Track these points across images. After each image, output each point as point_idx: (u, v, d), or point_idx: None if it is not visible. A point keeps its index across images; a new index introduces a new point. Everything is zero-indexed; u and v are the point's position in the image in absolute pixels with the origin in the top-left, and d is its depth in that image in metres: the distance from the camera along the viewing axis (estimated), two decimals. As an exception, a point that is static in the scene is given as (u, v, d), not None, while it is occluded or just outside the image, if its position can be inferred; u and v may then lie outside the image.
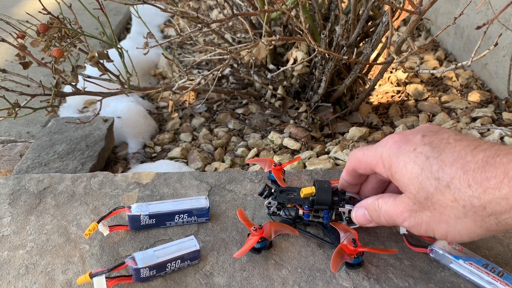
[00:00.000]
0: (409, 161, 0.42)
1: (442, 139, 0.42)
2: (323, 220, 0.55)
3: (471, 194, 0.38)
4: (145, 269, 0.48)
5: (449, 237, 0.42)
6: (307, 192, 0.53)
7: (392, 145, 0.44)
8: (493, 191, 0.37)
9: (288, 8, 0.78)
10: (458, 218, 0.40)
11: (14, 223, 0.57)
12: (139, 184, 0.65)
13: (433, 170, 0.40)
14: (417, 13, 0.62)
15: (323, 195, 0.53)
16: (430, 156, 0.41)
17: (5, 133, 1.03)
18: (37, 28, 0.70)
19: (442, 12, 1.41)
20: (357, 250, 0.49)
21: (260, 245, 0.51)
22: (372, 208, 0.48)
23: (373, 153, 0.46)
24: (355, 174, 0.51)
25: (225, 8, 1.59)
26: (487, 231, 0.39)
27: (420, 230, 0.43)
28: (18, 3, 1.86)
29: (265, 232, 0.51)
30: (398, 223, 0.45)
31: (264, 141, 0.97)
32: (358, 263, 0.50)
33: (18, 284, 0.49)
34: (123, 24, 1.76)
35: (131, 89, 0.85)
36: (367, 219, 0.49)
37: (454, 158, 0.39)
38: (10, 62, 1.32)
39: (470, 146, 0.40)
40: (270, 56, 1.14)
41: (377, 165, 0.46)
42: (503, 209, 0.37)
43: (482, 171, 0.38)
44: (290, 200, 0.55)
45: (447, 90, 1.13)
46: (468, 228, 0.40)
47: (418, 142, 0.42)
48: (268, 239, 0.52)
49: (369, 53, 0.86)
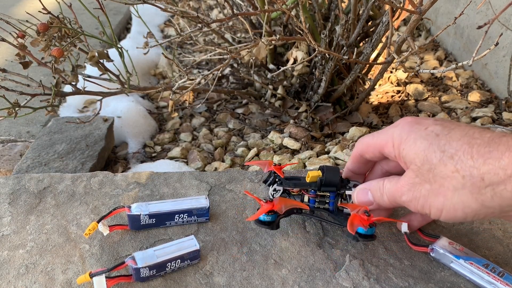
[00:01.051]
0: (419, 138, 0.43)
1: (453, 123, 0.44)
2: (329, 206, 0.54)
3: (472, 164, 0.39)
4: (145, 268, 0.48)
5: (444, 212, 0.42)
6: (314, 175, 0.52)
7: (404, 125, 0.45)
8: (493, 161, 0.38)
9: (288, 8, 0.78)
10: (456, 189, 0.40)
11: (14, 222, 0.57)
12: (139, 184, 0.65)
13: (440, 144, 0.42)
14: (417, 13, 0.62)
15: (331, 175, 0.52)
16: (440, 133, 0.42)
17: (5, 132, 1.03)
18: (37, 27, 0.70)
19: (442, 12, 1.41)
20: (370, 220, 0.48)
21: (270, 218, 0.51)
22: (376, 188, 0.49)
23: (384, 134, 0.47)
24: (361, 160, 0.52)
25: (225, 7, 1.59)
26: (482, 205, 0.40)
27: (417, 205, 0.44)
28: (18, 2, 1.86)
29: (275, 205, 0.50)
30: (397, 198, 0.46)
31: (264, 141, 0.97)
32: (372, 235, 0.49)
33: (18, 283, 0.49)
34: (123, 23, 1.76)
35: (131, 89, 0.85)
36: (369, 200, 0.50)
37: (462, 135, 0.41)
38: (10, 62, 1.32)
39: (479, 128, 0.42)
40: (270, 56, 1.14)
41: (386, 144, 0.47)
42: (500, 179, 0.38)
43: (487, 145, 0.39)
44: (296, 185, 0.54)
45: (447, 90, 1.13)
46: (464, 201, 0.40)
47: (431, 123, 0.44)
48: (279, 213, 0.51)
49: (369, 53, 0.86)
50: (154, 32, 1.66)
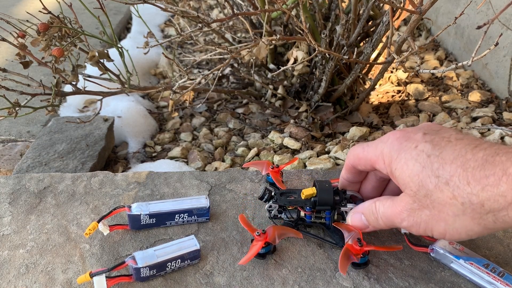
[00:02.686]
0: (410, 159, 0.42)
1: (443, 137, 0.42)
2: (325, 220, 0.54)
3: (470, 191, 0.38)
4: (145, 268, 0.48)
5: (447, 235, 0.42)
6: (308, 193, 0.52)
7: (393, 141, 0.44)
8: (492, 188, 0.37)
9: (289, 8, 0.78)
10: (457, 215, 0.40)
11: (14, 222, 0.57)
12: (139, 184, 0.65)
13: (433, 168, 0.40)
14: (417, 13, 0.62)
15: (324, 196, 0.52)
16: (431, 154, 0.41)
17: (6, 132, 1.03)
18: (37, 27, 0.70)
19: (442, 12, 1.41)
20: (363, 250, 0.48)
21: (265, 250, 0.51)
22: (369, 211, 0.48)
23: (374, 149, 0.46)
24: (354, 171, 0.51)
25: (226, 7, 1.59)
26: (485, 229, 0.39)
27: (419, 229, 0.43)
28: (18, 2, 1.86)
29: (269, 237, 0.50)
30: (396, 223, 0.45)
31: (264, 141, 0.97)
32: (365, 262, 0.50)
33: (18, 283, 0.49)
34: (123, 23, 1.76)
35: (131, 89, 0.85)
36: (364, 224, 0.49)
37: (454, 156, 0.40)
38: (11, 62, 1.32)
39: (471, 145, 0.40)
40: (270, 56, 1.14)
41: (377, 161, 0.46)
42: (500, 206, 0.37)
43: (481, 169, 0.38)
44: (291, 203, 0.54)
45: (448, 90, 1.13)
46: (466, 226, 0.40)
47: (420, 140, 0.42)
48: (272, 244, 0.51)
49: (369, 53, 0.86)
50: (155, 31, 1.66)
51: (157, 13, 1.76)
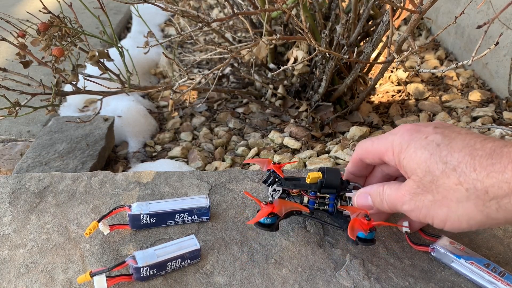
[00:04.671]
0: (419, 147, 0.43)
1: (454, 131, 0.43)
2: (329, 207, 0.54)
3: (475, 177, 0.39)
4: (145, 268, 0.48)
5: (448, 223, 0.42)
6: (314, 177, 0.52)
7: (404, 132, 0.45)
8: (497, 174, 0.38)
9: (289, 7, 0.78)
10: (460, 202, 0.40)
11: (14, 222, 0.57)
12: (139, 183, 0.65)
13: (442, 155, 0.41)
14: (417, 12, 0.62)
15: (331, 177, 0.52)
16: (441, 143, 0.42)
17: (6, 132, 1.03)
18: (37, 27, 0.70)
19: (442, 11, 1.41)
20: (371, 224, 0.48)
21: (270, 220, 0.50)
22: (376, 193, 0.48)
23: (384, 141, 0.47)
24: (361, 164, 0.52)
25: (226, 7, 1.59)
26: (487, 217, 0.40)
27: (419, 214, 0.43)
28: (18, 2, 1.86)
29: (276, 208, 0.50)
30: (398, 207, 0.45)
31: (265, 140, 0.97)
32: (372, 239, 0.49)
33: (18, 283, 0.49)
34: (123, 23, 1.76)
35: (132, 88, 0.85)
36: (369, 204, 0.50)
37: (463, 145, 0.41)
38: (11, 61, 1.32)
39: (480, 137, 0.41)
40: (270, 55, 1.13)
41: (386, 152, 0.46)
42: (504, 192, 0.37)
43: (489, 157, 0.39)
44: (296, 186, 0.54)
45: (448, 90, 1.13)
46: (468, 213, 0.40)
47: (430, 131, 0.43)
48: (279, 215, 0.51)
49: (369, 52, 0.86)
50: (155, 31, 1.66)
51: (157, 13, 1.76)
